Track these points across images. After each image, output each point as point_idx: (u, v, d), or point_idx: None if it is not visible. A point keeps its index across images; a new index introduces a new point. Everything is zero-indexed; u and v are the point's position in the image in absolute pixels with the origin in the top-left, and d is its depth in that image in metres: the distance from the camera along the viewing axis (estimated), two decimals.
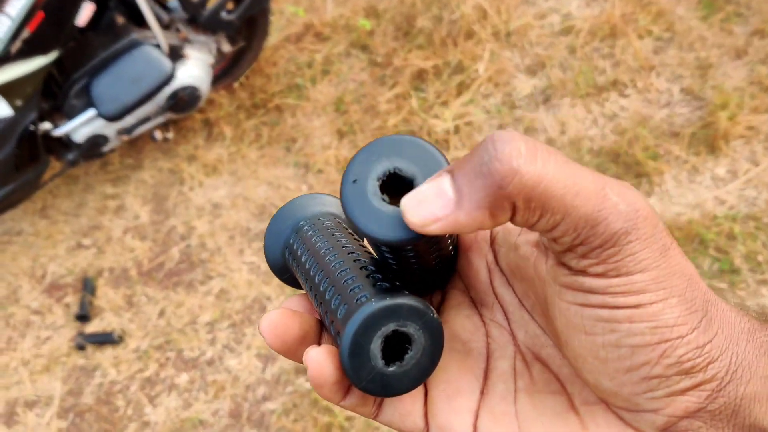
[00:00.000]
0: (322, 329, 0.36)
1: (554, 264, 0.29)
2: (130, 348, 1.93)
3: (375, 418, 0.34)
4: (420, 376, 0.31)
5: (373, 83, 2.19)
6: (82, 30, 1.89)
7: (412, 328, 0.30)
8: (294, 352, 0.34)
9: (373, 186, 0.30)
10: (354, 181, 0.30)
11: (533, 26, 2.15)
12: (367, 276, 0.33)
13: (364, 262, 0.34)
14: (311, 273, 0.35)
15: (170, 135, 2.26)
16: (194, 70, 2.06)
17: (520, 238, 0.33)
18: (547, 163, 0.25)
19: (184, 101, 2.07)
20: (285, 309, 0.34)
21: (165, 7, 2.04)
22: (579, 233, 0.26)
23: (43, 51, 1.75)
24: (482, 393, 0.34)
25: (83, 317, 2.02)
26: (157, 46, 1.94)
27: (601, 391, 0.30)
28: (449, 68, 2.13)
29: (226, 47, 2.21)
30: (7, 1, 1.62)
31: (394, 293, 0.31)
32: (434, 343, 0.31)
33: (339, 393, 0.32)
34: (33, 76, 1.76)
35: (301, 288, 0.39)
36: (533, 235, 0.32)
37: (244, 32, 2.23)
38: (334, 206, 0.41)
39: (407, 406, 0.34)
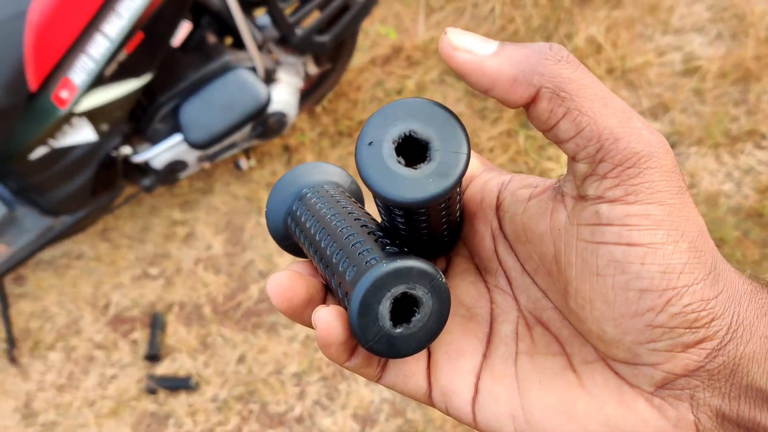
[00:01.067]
0: (327, 294, 0.36)
1: (573, 199, 0.30)
2: (207, 396, 1.78)
3: (379, 380, 0.34)
4: (426, 339, 0.32)
5: (472, 116, 2.04)
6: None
7: (420, 291, 0.31)
8: (300, 314, 0.34)
9: (388, 148, 0.30)
10: (369, 144, 0.30)
11: (652, 64, 1.99)
12: (376, 240, 0.33)
13: (372, 227, 0.34)
14: (317, 238, 0.35)
15: (253, 163, 2.11)
16: (284, 94, 1.90)
17: (533, 197, 0.33)
18: (587, 73, 0.28)
19: (272, 128, 1.92)
20: (292, 271, 0.34)
21: (256, 25, 1.88)
22: (602, 144, 0.27)
23: (137, 74, 1.59)
24: (484, 356, 0.34)
25: (153, 357, 1.86)
26: (253, 69, 1.79)
27: (603, 342, 0.30)
28: None
29: (312, 69, 2.05)
30: (106, 20, 1.47)
31: (403, 256, 0.31)
32: (442, 307, 0.31)
33: (345, 353, 0.32)
34: (123, 101, 1.61)
35: (302, 256, 0.40)
36: (547, 192, 0.32)
37: (330, 53, 2.07)
38: (337, 176, 0.41)
39: (411, 368, 0.34)
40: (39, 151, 1.63)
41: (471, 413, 0.33)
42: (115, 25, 1.48)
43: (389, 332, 0.31)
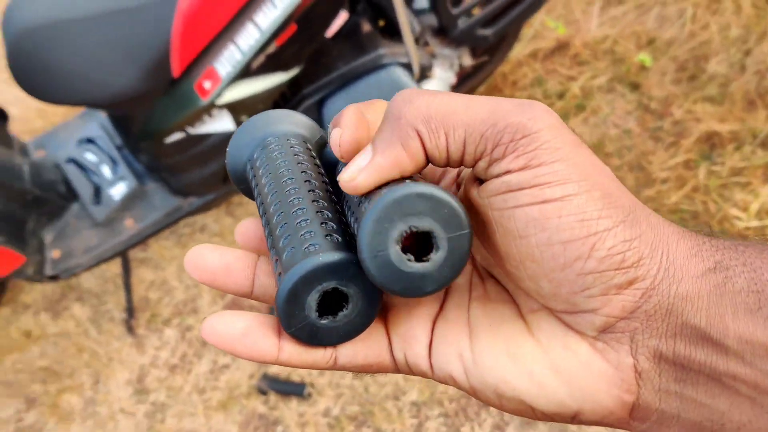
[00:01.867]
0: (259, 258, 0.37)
1: (484, 182, 0.31)
2: (320, 408, 1.68)
3: (333, 366, 0.35)
4: (350, 333, 0.33)
5: (642, 135, 1.78)
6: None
7: (352, 290, 0.31)
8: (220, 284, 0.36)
9: (396, 253, 0.30)
10: (376, 256, 0.29)
11: None
12: (322, 223, 0.33)
13: (323, 204, 0.34)
14: (268, 199, 0.35)
15: None
16: None
17: (465, 180, 0.35)
18: (435, 94, 0.31)
19: None
20: (208, 246, 0.36)
21: (413, 10, 1.69)
22: (485, 137, 0.29)
23: (286, 67, 1.45)
24: (441, 305, 0.36)
25: None
26: (407, 65, 1.61)
27: (542, 297, 0.31)
28: (754, 139, 1.68)
29: (467, 61, 1.85)
30: (259, 10, 1.32)
31: (342, 250, 0.31)
32: (370, 306, 0.32)
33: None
34: (267, 94, 1.48)
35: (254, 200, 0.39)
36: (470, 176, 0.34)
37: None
38: (307, 129, 0.40)
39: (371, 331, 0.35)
40: (175, 136, 1.54)
41: (428, 358, 0.34)
42: (269, 16, 1.33)
43: (314, 322, 0.32)
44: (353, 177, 0.31)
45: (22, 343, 2.05)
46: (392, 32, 1.65)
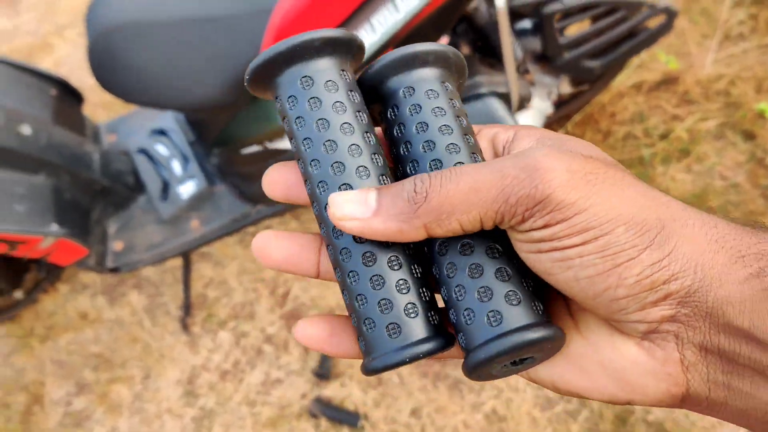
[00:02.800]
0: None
1: (509, 231, 0.32)
2: None
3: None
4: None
5: (752, 191, 1.63)
6: None
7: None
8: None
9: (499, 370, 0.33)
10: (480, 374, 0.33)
11: None
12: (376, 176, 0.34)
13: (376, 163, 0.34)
14: (314, 154, 0.34)
15: None
16: (530, 123, 1.59)
17: None
18: (448, 184, 0.31)
19: None
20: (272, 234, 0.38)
21: (515, 31, 1.56)
22: (500, 212, 0.30)
23: None
24: None
25: (322, 375, 1.72)
26: (504, 95, 1.49)
27: (587, 310, 0.33)
28: None
29: (566, 89, 1.71)
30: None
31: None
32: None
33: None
34: None
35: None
36: None
37: None
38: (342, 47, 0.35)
39: None
40: (252, 148, 1.46)
41: None
42: (366, 39, 1.23)
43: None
44: (343, 218, 0.32)
45: (78, 324, 2.03)
46: (490, 54, 1.53)
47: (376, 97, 0.37)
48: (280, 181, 0.38)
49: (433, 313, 0.34)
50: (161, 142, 1.80)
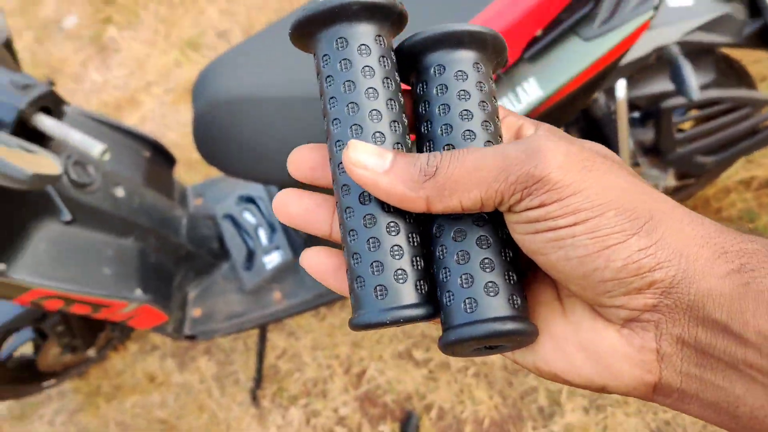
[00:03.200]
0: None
1: (506, 213, 0.34)
2: None
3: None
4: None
5: None
6: None
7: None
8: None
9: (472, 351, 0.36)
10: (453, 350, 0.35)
11: None
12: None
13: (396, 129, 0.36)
14: (338, 117, 0.35)
15: None
16: None
17: None
18: (455, 162, 0.33)
19: None
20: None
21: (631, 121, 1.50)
22: (499, 191, 0.32)
23: None
24: None
25: None
26: None
27: (573, 293, 0.34)
28: None
29: (671, 182, 1.63)
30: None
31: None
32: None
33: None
34: None
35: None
36: None
37: None
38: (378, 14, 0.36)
39: None
40: None
41: None
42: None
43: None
44: (356, 164, 0.33)
45: (145, 386, 1.99)
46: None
47: (412, 68, 0.38)
48: (305, 161, 0.39)
49: (422, 282, 0.35)
50: (248, 210, 1.78)
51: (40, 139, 1.08)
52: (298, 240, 1.69)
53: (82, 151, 1.01)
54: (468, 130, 0.35)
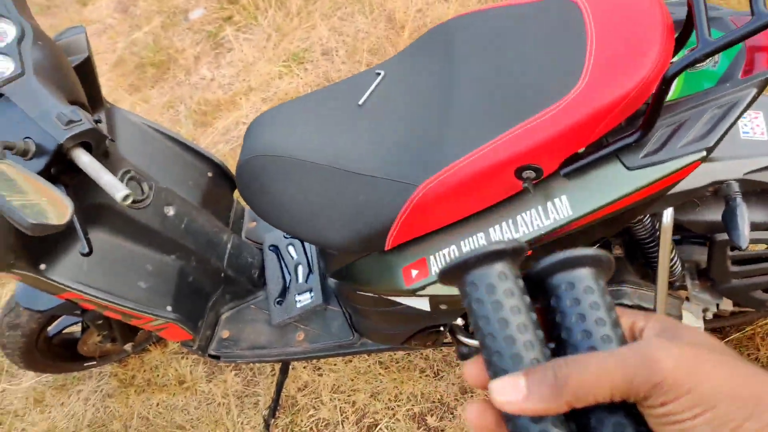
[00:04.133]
0: None
1: (638, 405, 0.37)
2: None
3: None
4: None
5: None
6: None
7: None
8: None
9: None
10: None
11: None
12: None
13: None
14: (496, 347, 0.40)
15: None
16: None
17: None
18: (583, 371, 0.37)
19: None
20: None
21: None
22: (625, 393, 0.36)
23: None
24: None
25: None
26: (648, 309, 1.34)
27: None
28: None
29: (728, 307, 1.52)
30: (495, 223, 1.14)
31: None
32: None
33: None
34: None
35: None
36: None
37: None
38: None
39: None
40: (368, 292, 1.41)
41: None
42: (502, 233, 1.15)
43: None
44: (502, 405, 0.38)
45: (172, 388, 2.07)
46: (643, 260, 1.38)
47: (538, 287, 0.43)
48: (478, 375, 0.43)
49: None
50: (294, 244, 1.81)
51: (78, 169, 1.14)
52: (330, 288, 1.70)
53: (108, 192, 1.06)
54: (605, 335, 0.40)
